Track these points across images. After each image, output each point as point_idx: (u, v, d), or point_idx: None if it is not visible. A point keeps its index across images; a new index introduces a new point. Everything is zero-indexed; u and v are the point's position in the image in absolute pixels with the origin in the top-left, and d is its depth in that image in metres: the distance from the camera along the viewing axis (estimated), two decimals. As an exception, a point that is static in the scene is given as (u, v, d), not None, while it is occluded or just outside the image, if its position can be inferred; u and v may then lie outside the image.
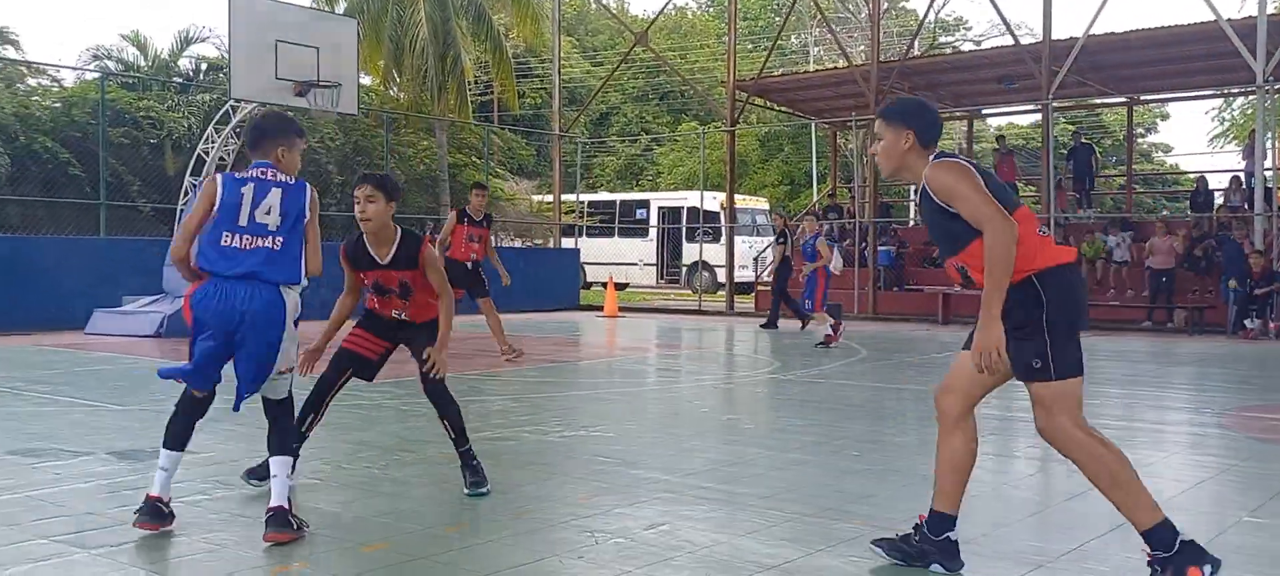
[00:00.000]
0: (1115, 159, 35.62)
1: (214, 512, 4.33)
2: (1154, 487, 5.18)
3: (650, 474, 5.21)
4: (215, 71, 25.79)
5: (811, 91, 24.18)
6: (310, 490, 4.75)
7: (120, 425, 6.47)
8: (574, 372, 10.30)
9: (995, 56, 21.03)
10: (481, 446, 5.83)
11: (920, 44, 30.28)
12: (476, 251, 10.52)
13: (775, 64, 32.15)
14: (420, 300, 4.71)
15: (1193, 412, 7.90)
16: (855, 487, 4.91)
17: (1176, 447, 6.44)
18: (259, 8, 14.09)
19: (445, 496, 4.66)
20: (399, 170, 23.69)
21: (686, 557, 3.76)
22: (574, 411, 7.28)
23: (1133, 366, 11.25)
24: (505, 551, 3.81)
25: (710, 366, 11.42)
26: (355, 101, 15.75)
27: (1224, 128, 39.93)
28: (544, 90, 37.43)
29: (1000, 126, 37.81)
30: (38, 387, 8.11)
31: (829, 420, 7.24)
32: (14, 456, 5.37)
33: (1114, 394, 8.81)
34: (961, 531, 4.15)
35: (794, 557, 3.75)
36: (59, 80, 25.20)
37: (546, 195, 28.47)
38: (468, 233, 10.46)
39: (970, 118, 26.19)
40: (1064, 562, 3.75)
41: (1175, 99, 25.49)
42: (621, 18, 38.56)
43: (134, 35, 26.72)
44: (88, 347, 11.58)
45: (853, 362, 11.13)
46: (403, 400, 7.70)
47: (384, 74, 25.10)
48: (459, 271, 10.40)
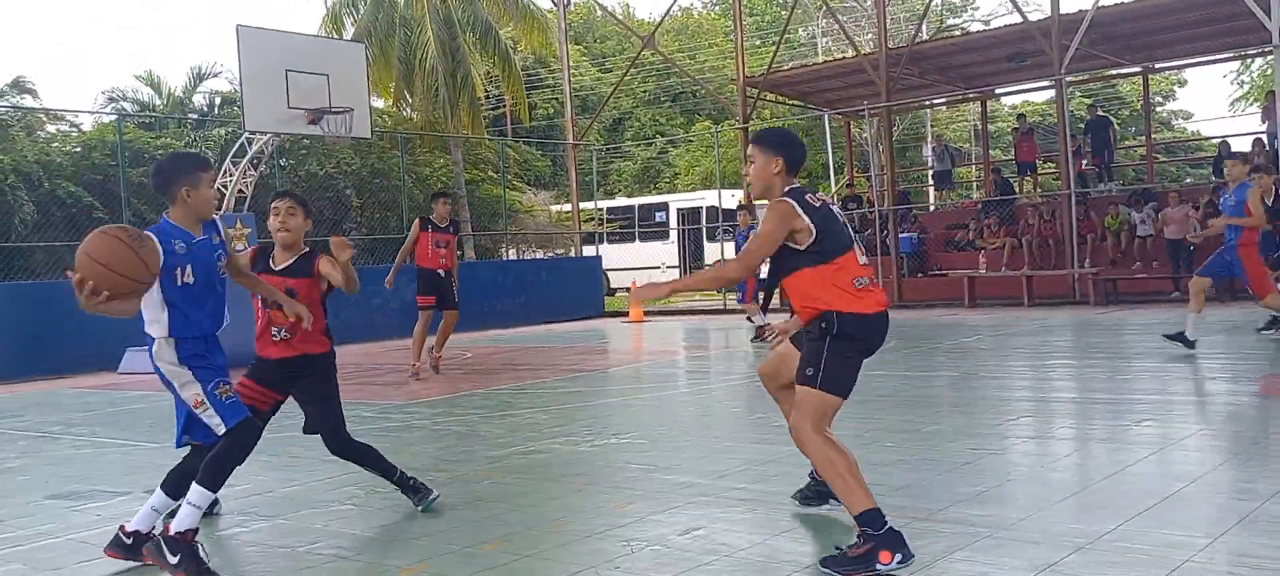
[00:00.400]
0: (1134, 129, 35.28)
1: (248, 543, 4.36)
2: (1198, 458, 5.14)
3: (683, 478, 5.20)
4: (229, 105, 26.03)
5: (822, 83, 24.10)
6: (345, 516, 4.78)
7: (157, 463, 6.53)
8: (603, 381, 10.31)
9: (1005, 35, 20.85)
10: (514, 461, 5.86)
11: (928, 27, 30.10)
12: (445, 258, 10.52)
13: (784, 58, 32.06)
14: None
15: (1228, 382, 7.81)
16: (892, 479, 4.89)
17: (1215, 418, 6.37)
18: (267, 39, 14.21)
19: (480, 515, 4.67)
20: (416, 190, 23.80)
21: (723, 561, 3.75)
22: (604, 420, 7.28)
23: (1164, 339, 11.14)
24: (543, 565, 3.82)
25: (738, 366, 11.40)
26: (368, 125, 15.84)
27: (1244, 90, 39.48)
28: (556, 100, 37.52)
29: (1015, 105, 37.57)
30: (74, 430, 8.20)
31: (862, 412, 7.20)
32: (54, 499, 5.43)
33: (1148, 367, 8.73)
34: (1001, 515, 4.13)
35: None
36: (77, 125, 25.49)
37: (565, 205, 28.53)
38: (434, 239, 10.46)
39: (983, 99, 26.00)
40: (1104, 544, 3.72)
41: (1191, 65, 25.22)
42: (628, 22, 38.60)
43: (148, 75, 27.05)
44: (122, 387, 11.70)
45: (882, 352, 11.04)
46: (435, 420, 7.74)
47: (395, 95, 25.25)
48: (430, 279, 10.47)
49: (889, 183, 21.43)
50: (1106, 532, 3.84)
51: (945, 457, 5.34)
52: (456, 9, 24.54)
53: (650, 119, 43.05)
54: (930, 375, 9.16)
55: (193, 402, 3.90)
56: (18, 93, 26.10)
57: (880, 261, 19.87)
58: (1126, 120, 36.99)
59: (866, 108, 22.17)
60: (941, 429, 6.25)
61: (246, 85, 14.13)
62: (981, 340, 12.20)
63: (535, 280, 20.99)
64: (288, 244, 4.67)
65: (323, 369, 4.66)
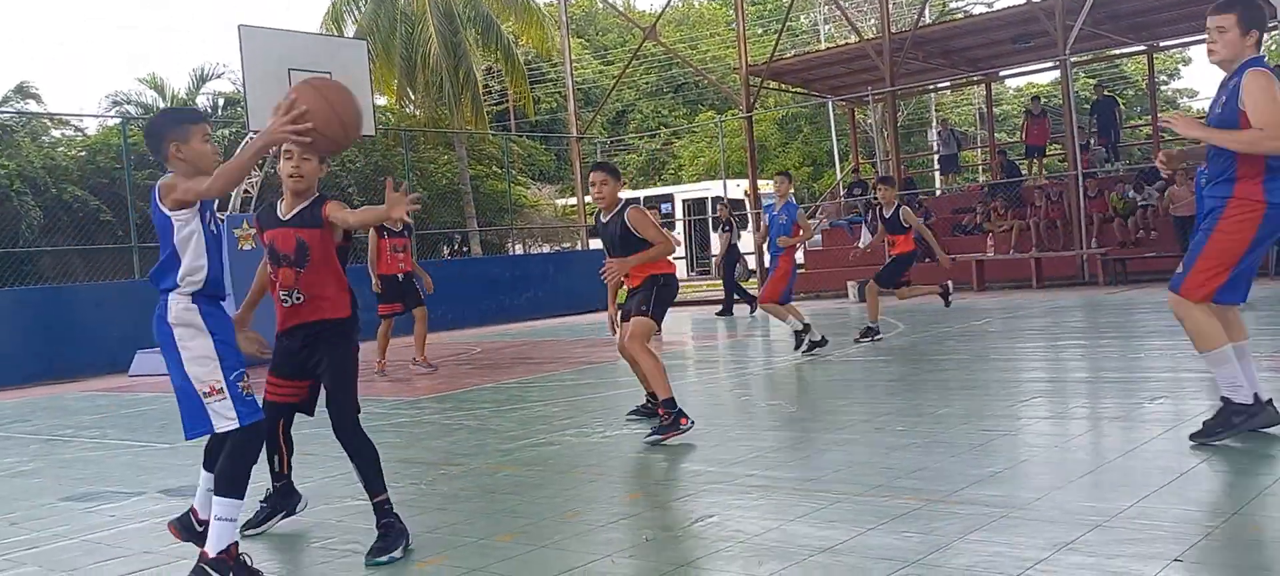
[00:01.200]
0: (1140, 109, 35.15)
1: (266, 542, 4.37)
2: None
3: (696, 466, 5.20)
4: (232, 106, 26.07)
5: (825, 69, 24.05)
6: (361, 513, 4.77)
7: (169, 463, 6.55)
8: (613, 372, 10.30)
9: (1008, 16, 20.77)
10: (526, 453, 5.86)
11: (931, 11, 30.00)
12: (404, 261, 10.50)
13: (786, 45, 31.98)
14: (317, 280, 4.04)
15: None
16: (903, 463, 4.88)
17: (1226, 394, 6.33)
18: (269, 39, 14.20)
19: (494, 507, 4.67)
20: (422, 187, 23.80)
21: (737, 547, 3.74)
22: (615, 411, 7.28)
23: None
24: (558, 555, 3.82)
25: (748, 353, 11.39)
26: (372, 122, 15.84)
27: (1249, 67, 39.23)
28: (558, 94, 37.48)
29: (1020, 87, 37.43)
30: (86, 433, 8.22)
31: (871, 397, 7.19)
32: (68, 502, 5.44)
33: (1159, 345, 8.70)
34: (1016, 495, 4.12)
35: (845, 538, 3.73)
36: (82, 129, 25.58)
37: (570, 199, 28.52)
38: (391, 245, 10.45)
39: (988, 81, 25.92)
40: (1120, 521, 3.70)
41: (1196, 42, 25.05)
42: (629, 14, 38.55)
43: (151, 78, 27.11)
44: (133, 389, 11.73)
45: (891, 337, 11.06)
46: (445, 415, 7.74)
47: (398, 92, 25.26)
48: (392, 285, 10.46)
49: (895, 168, 21.35)
50: (1123, 510, 3.82)
51: (957, 440, 5.32)
52: (457, 4, 24.52)
53: (653, 111, 43.00)
54: (940, 358, 9.13)
55: (208, 388, 3.57)
56: (22, 98, 26.16)
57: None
58: (1131, 100, 36.83)
59: (870, 93, 22.12)
60: (952, 411, 6.23)
61: (249, 85, 14.11)
62: (991, 322, 12.17)
63: (542, 274, 21.00)
64: (299, 191, 4.08)
65: (338, 334, 4.05)
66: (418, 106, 25.42)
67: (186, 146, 3.65)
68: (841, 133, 29.93)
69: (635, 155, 42.41)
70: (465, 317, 18.35)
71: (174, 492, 5.51)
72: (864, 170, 25.38)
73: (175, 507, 5.14)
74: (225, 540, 3.62)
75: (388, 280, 10.45)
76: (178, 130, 3.67)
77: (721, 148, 27.10)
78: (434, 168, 26.33)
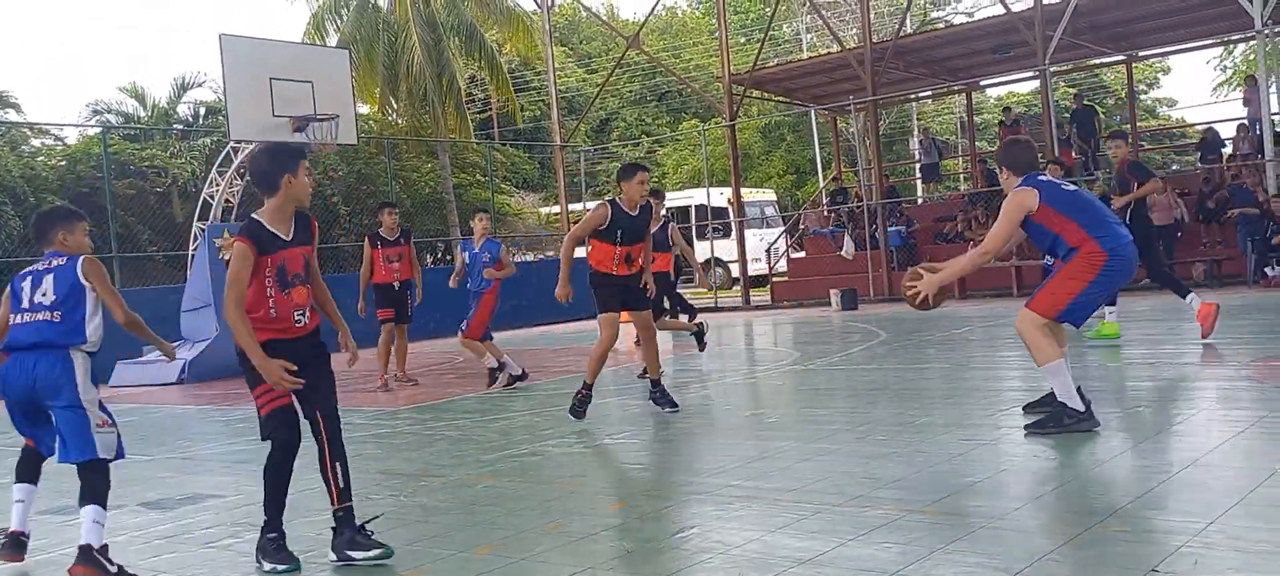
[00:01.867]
0: (1119, 118, 35.40)
1: (243, 554, 4.34)
2: (1192, 443, 5.14)
3: (679, 476, 5.19)
4: (214, 115, 25.94)
5: (807, 79, 24.13)
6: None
7: (148, 475, 6.49)
8: (596, 382, 10.28)
9: (988, 26, 20.90)
10: (508, 463, 5.84)
11: (912, 21, 30.16)
12: (400, 270, 10.38)
13: (769, 54, 32.08)
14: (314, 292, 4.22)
15: (1219, 366, 7.84)
16: (884, 473, 4.89)
17: (1207, 403, 6.39)
18: (250, 48, 14.15)
19: (474, 519, 4.65)
20: (405, 195, 23.73)
21: (719, 558, 3.74)
22: (599, 420, 7.27)
23: (1155, 325, 11.19)
24: (539, 567, 3.80)
25: (731, 363, 11.39)
26: (354, 131, 15.80)
27: (1228, 76, 39.64)
28: (542, 102, 37.48)
29: (1001, 96, 37.69)
30: (64, 445, 8.12)
31: (854, 407, 7.21)
32: (47, 515, 5.39)
33: (1139, 354, 8.75)
34: (996, 506, 4.13)
35: (826, 549, 3.73)
36: (62, 138, 25.38)
37: (553, 207, 28.49)
38: (385, 255, 10.34)
39: (968, 90, 26.07)
40: (1101, 530, 3.71)
41: (1174, 51, 25.28)
42: (612, 23, 38.59)
43: (132, 87, 26.92)
44: (112, 400, 11.58)
45: (874, 346, 11.09)
46: (426, 425, 7.71)
47: (381, 101, 25.19)
48: (386, 294, 10.35)
49: (877, 176, 21.44)
50: (1103, 519, 3.84)
51: (938, 450, 5.34)
52: (440, 13, 24.49)
53: (637, 119, 43.05)
54: (921, 367, 9.17)
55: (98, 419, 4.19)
56: (1, 108, 25.95)
57: (869, 255, 19.92)
58: (1111, 109, 37.12)
59: (852, 103, 22.19)
60: (933, 421, 6.25)
61: (231, 94, 14.07)
62: (972, 331, 12.22)
63: (525, 283, 20.93)
64: (294, 211, 4.14)
65: (320, 341, 4.22)
66: (401, 115, 25.36)
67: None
68: (824, 141, 30.04)
69: (618, 163, 42.42)
70: (447, 326, 18.26)
71: (154, 505, 5.47)
72: (846, 178, 25.48)
73: (155, 520, 5.11)
74: None
75: (382, 288, 10.35)
76: (67, 224, 4.21)
77: (705, 156, 27.14)
78: (417, 176, 26.26)
